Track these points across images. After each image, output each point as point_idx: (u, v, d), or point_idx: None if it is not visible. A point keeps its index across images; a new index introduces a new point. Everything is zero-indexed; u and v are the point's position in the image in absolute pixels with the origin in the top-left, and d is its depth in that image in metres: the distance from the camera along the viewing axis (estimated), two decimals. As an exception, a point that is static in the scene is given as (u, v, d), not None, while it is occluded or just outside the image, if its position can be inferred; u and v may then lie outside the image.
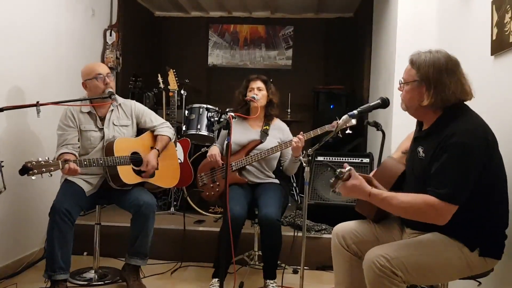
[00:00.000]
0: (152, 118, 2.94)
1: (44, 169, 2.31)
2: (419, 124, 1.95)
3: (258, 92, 2.99)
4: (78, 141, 2.73)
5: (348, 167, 1.77)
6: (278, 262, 3.00)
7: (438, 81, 1.74)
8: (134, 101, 3.00)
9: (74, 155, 2.65)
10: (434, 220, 1.69)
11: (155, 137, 2.93)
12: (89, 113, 2.78)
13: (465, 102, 1.80)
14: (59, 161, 2.40)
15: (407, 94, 1.84)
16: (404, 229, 1.99)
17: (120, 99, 2.87)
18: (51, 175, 2.36)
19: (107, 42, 4.34)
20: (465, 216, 1.68)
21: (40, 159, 2.31)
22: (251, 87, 3.02)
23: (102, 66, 2.84)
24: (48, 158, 2.36)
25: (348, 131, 2.48)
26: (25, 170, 2.27)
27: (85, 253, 3.33)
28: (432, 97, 1.75)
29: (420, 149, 1.83)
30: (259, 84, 3.02)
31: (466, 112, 1.78)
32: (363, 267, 1.76)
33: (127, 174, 2.70)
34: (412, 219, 1.75)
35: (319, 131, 2.77)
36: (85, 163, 2.54)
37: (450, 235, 1.75)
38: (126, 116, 2.87)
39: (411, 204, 1.69)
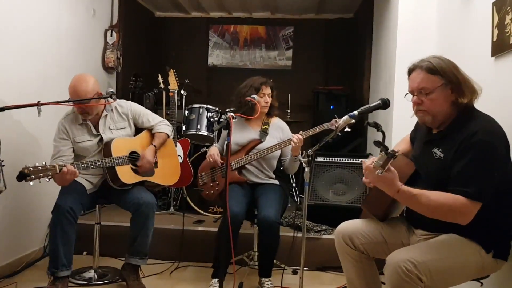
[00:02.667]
0: (149, 118, 2.94)
1: (41, 174, 2.27)
2: (428, 128, 1.92)
3: (269, 99, 2.99)
4: (73, 152, 2.73)
5: (397, 150, 1.68)
6: (278, 262, 3.01)
7: (463, 79, 1.76)
8: (131, 102, 2.98)
9: None
10: (459, 219, 1.66)
11: (153, 136, 2.93)
12: (81, 124, 2.76)
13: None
14: (56, 164, 2.37)
15: (434, 102, 1.77)
16: (412, 230, 1.96)
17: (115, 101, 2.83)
18: (49, 180, 2.33)
19: (108, 42, 4.34)
20: (481, 217, 1.66)
21: (37, 164, 2.28)
22: (262, 92, 2.97)
23: (78, 93, 2.59)
24: (46, 163, 2.33)
25: (347, 129, 2.46)
26: (22, 176, 2.22)
27: (84, 253, 3.33)
28: (466, 94, 1.75)
29: (436, 150, 1.81)
30: (269, 90, 3.00)
31: (479, 113, 1.79)
32: (385, 271, 1.71)
33: (126, 174, 2.70)
34: (437, 218, 1.69)
35: (318, 129, 2.76)
36: (83, 165, 2.52)
37: (467, 237, 1.74)
38: (122, 118, 2.85)
39: (441, 203, 1.65)
